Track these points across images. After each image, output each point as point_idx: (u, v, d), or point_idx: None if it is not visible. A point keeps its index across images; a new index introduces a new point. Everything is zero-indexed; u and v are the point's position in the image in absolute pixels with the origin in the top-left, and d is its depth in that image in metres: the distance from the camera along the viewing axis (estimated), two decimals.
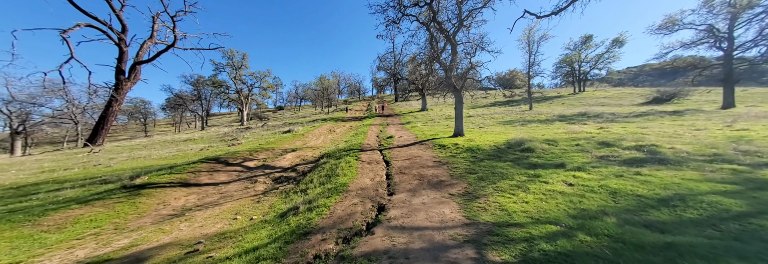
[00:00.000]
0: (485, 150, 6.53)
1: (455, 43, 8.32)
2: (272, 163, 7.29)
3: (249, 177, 6.01)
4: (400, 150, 7.88)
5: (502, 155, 5.78)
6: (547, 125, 11.97)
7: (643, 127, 8.36)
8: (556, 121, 13.16)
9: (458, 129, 9.22)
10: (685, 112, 12.14)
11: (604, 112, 15.47)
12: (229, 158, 7.63)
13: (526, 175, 4.15)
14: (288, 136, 13.46)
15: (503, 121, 15.52)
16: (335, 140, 13.08)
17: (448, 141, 8.27)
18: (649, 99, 20.74)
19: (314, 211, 3.47)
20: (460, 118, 9.20)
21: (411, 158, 6.74)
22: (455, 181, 4.48)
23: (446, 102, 37.00)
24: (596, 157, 4.74)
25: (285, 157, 8.01)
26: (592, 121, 12.32)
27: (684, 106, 15.88)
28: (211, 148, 11.00)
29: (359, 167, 6.03)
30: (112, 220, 3.81)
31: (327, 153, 8.42)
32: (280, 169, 6.75)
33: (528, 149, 5.80)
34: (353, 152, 7.84)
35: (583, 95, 31.97)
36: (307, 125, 20.85)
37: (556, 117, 15.40)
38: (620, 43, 29.97)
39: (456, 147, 7.35)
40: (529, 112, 19.27)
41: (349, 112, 32.74)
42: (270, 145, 10.25)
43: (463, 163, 5.58)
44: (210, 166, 6.65)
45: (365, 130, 14.70)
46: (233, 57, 27.52)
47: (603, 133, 7.50)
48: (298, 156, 8.35)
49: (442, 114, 22.88)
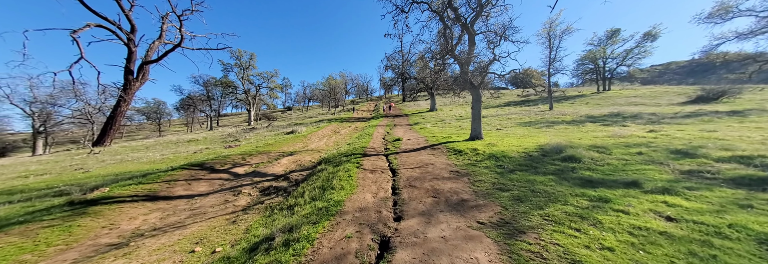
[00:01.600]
0: (513, 158, 5.35)
1: (473, 32, 7.18)
2: (264, 170, 6.44)
3: (233, 187, 5.16)
4: (409, 155, 6.83)
5: (538, 165, 4.60)
6: (578, 127, 10.51)
7: (709, 130, 6.84)
8: (586, 123, 11.63)
9: (476, 131, 8.04)
10: (748, 113, 10.30)
11: (641, 112, 13.68)
12: (217, 164, 6.84)
13: (586, 197, 2.99)
14: (289, 138, 12.71)
15: (523, 122, 14.09)
16: (338, 142, 12.20)
17: (464, 145, 7.13)
18: (692, 98, 18.46)
19: (291, 249, 2.49)
20: (478, 119, 8.02)
21: (422, 166, 5.68)
22: (482, 202, 3.39)
23: (456, 102, 35.46)
24: (681, 173, 3.48)
25: (280, 161, 7.15)
26: (631, 122, 10.74)
27: (740, 105, 13.78)
28: (207, 150, 10.39)
29: (360, 177, 5.03)
30: (21, 257, 2.72)
31: (326, 158, 7.50)
32: (272, 177, 5.87)
33: (572, 158, 4.59)
34: (355, 157, 6.87)
35: (608, 94, 29.53)
36: (311, 126, 20.18)
37: (584, 118, 13.80)
38: (653, 36, 27.31)
39: (475, 153, 6.20)
40: (550, 113, 17.61)
41: (356, 113, 32.01)
42: (267, 148, 9.47)
43: (489, 175, 4.45)
44: (191, 173, 5.87)
45: (371, 131, 13.73)
46: (241, 57, 27.45)
47: (660, 137, 6.10)
48: (295, 160, 7.47)
49: (453, 114, 21.56)
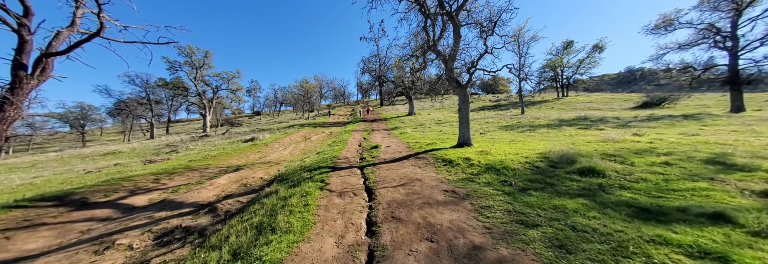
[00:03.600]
0: (517, 170, 4.33)
1: (458, 22, 6.26)
2: (183, 197, 4.51)
3: (103, 235, 3.17)
4: (390, 168, 5.49)
5: (553, 182, 3.59)
6: (559, 131, 10.26)
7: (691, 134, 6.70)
8: (563, 126, 11.55)
9: (464, 137, 7.05)
10: (699, 116, 11.03)
11: (605, 116, 14.26)
12: (100, 192, 4.52)
13: (673, 246, 1.90)
14: (244, 147, 10.58)
15: (502, 126, 13.78)
16: (307, 151, 10.44)
17: (453, 153, 6.03)
18: (639, 103, 20.48)
19: None
20: (467, 123, 7.05)
21: (406, 183, 4.38)
22: (506, 251, 2.17)
23: (433, 106, 35.52)
24: (757, 194, 2.65)
25: (216, 182, 5.27)
26: (603, 125, 10.84)
27: (681, 110, 15.20)
28: (116, 167, 7.86)
29: (322, 206, 3.54)
30: None
31: (284, 174, 5.82)
32: (189, 210, 4.03)
33: (591, 171, 3.67)
34: (321, 172, 5.32)
35: (567, 100, 31.96)
36: (279, 132, 17.93)
37: (557, 121, 13.97)
38: (600, 48, 30.47)
39: (469, 163, 5.10)
40: (524, 117, 17.88)
41: (332, 117, 30.18)
42: (204, 162, 7.38)
43: (497, 198, 3.30)
44: (38, 213, 3.67)
45: (346, 137, 12.19)
46: (193, 55, 23.92)
47: (656, 142, 5.66)
48: (240, 179, 5.64)
49: (432, 118, 21.02)
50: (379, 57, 31.67)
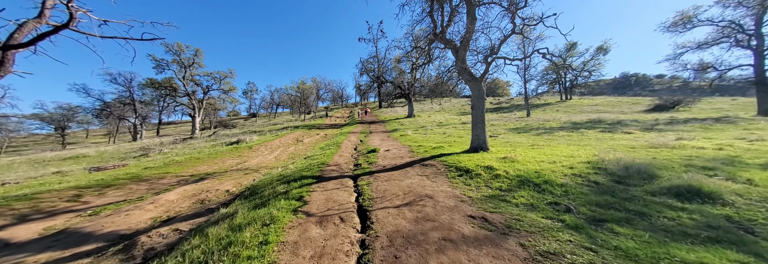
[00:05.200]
0: (568, 187, 3.14)
1: (475, 1, 5.13)
2: (99, 224, 3.16)
3: None
4: (390, 177, 4.27)
5: (641, 210, 2.39)
6: (580, 134, 9.13)
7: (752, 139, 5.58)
8: (581, 129, 10.44)
9: (479, 140, 5.86)
10: (733, 120, 9.97)
11: (621, 119, 13.22)
12: None
13: None
14: (225, 151, 9.29)
15: (511, 128, 12.65)
16: (296, 155, 9.19)
17: (468, 160, 4.83)
18: (651, 106, 19.59)
19: None
20: (482, 123, 5.87)
21: (414, 202, 3.18)
22: None
23: (433, 109, 34.45)
24: None
25: (161, 198, 3.96)
26: (626, 128, 9.73)
27: (703, 113, 14.21)
28: (55, 176, 6.53)
29: (286, 246, 2.31)
30: None
31: (255, 185, 4.58)
32: (92, 249, 2.69)
33: (697, 193, 2.49)
34: (302, 185, 4.08)
35: (571, 103, 31.11)
36: (270, 134, 16.66)
37: (569, 124, 12.88)
38: (605, 50, 29.80)
39: (492, 174, 3.90)
40: (530, 119, 16.79)
41: (329, 119, 28.99)
42: (164, 170, 6.09)
43: (561, 236, 2.10)
44: None
45: (341, 140, 10.95)
46: (182, 53, 22.68)
47: (729, 149, 4.53)
48: (197, 193, 4.37)
49: (432, 121, 19.88)
50: (377, 58, 30.77)
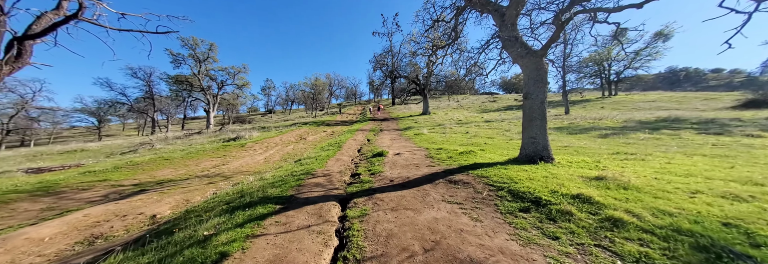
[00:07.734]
0: None
1: None
2: None
3: None
4: (398, 204, 2.42)
5: None
6: (673, 137, 6.57)
7: None
8: (663, 130, 7.76)
9: (536, 145, 3.82)
10: None
11: (716, 117, 9.86)
12: None
13: None
14: (212, 149, 8.07)
15: (553, 127, 10.11)
16: (291, 155, 7.73)
17: (525, 176, 2.87)
18: (741, 102, 15.75)
19: None
20: (540, 121, 3.83)
21: None
22: None
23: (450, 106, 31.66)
24: None
25: (28, 234, 2.46)
26: (744, 130, 6.86)
27: None
28: None
29: None
30: None
31: (188, 212, 3.00)
32: None
33: None
34: (252, 216, 2.42)
35: (618, 99, 26.80)
36: (275, 130, 15.59)
37: (636, 123, 10.06)
38: (665, 36, 24.93)
39: (601, 216, 1.92)
40: (571, 117, 13.81)
41: (341, 116, 27.78)
42: (105, 176, 4.80)
43: None
44: None
45: (346, 138, 9.29)
46: (197, 47, 22.50)
47: None
48: (99, 222, 2.84)
49: (450, 118, 17.39)
50: (392, 52, 28.77)
